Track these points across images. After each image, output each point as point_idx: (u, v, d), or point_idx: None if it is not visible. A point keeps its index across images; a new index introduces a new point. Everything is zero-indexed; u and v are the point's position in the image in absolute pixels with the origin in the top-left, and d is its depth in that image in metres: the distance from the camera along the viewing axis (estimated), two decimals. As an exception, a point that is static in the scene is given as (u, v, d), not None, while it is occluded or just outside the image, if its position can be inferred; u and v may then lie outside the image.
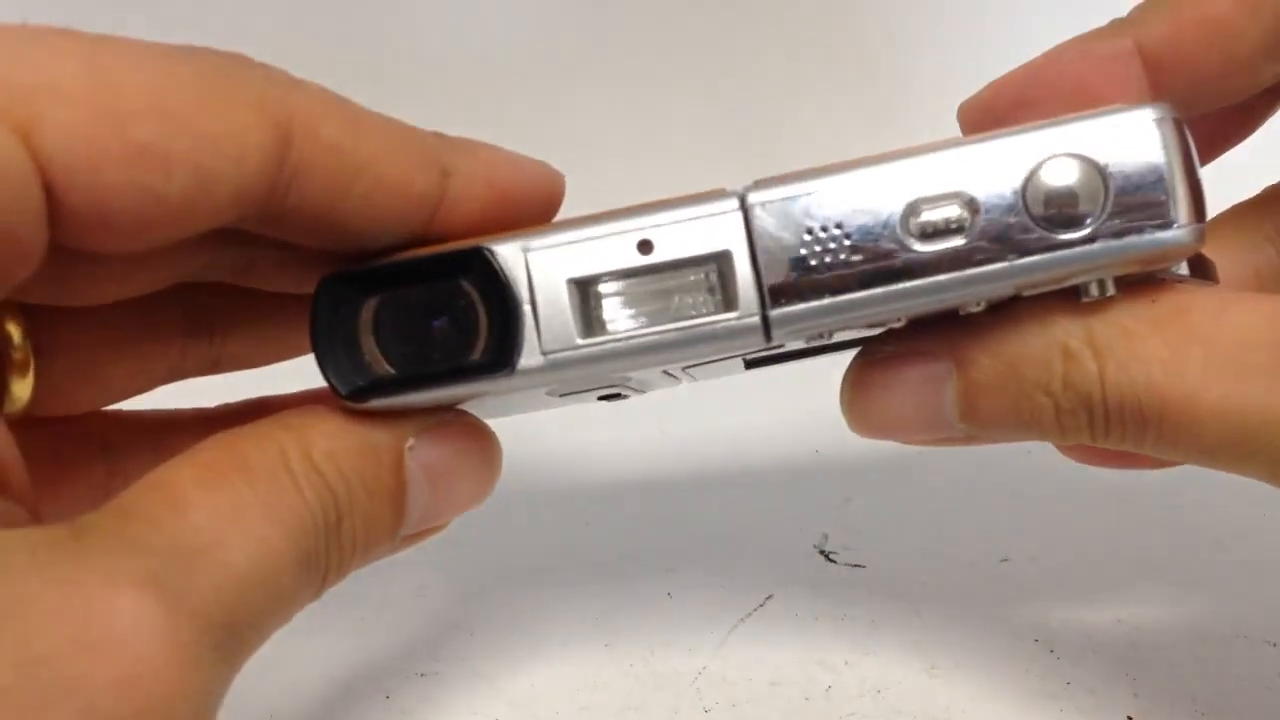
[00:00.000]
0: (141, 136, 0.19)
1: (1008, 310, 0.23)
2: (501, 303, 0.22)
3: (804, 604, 0.36)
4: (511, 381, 0.22)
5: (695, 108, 0.61)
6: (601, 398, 0.29)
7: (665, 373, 0.29)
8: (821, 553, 0.39)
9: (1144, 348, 0.21)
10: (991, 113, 0.24)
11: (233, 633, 0.20)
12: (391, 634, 0.36)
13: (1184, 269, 0.24)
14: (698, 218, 0.22)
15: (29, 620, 0.17)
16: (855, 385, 0.24)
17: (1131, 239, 0.21)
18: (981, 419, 0.23)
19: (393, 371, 0.23)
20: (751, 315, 0.22)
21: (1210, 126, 0.28)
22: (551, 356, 0.22)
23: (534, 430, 0.45)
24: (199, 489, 0.20)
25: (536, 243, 0.22)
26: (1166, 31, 0.24)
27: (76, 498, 0.26)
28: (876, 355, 0.24)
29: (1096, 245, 0.21)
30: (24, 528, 0.19)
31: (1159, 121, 0.21)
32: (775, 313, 0.22)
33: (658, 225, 0.22)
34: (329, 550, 0.22)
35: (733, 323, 0.22)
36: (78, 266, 0.22)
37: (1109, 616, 0.35)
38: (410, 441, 0.23)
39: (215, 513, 0.20)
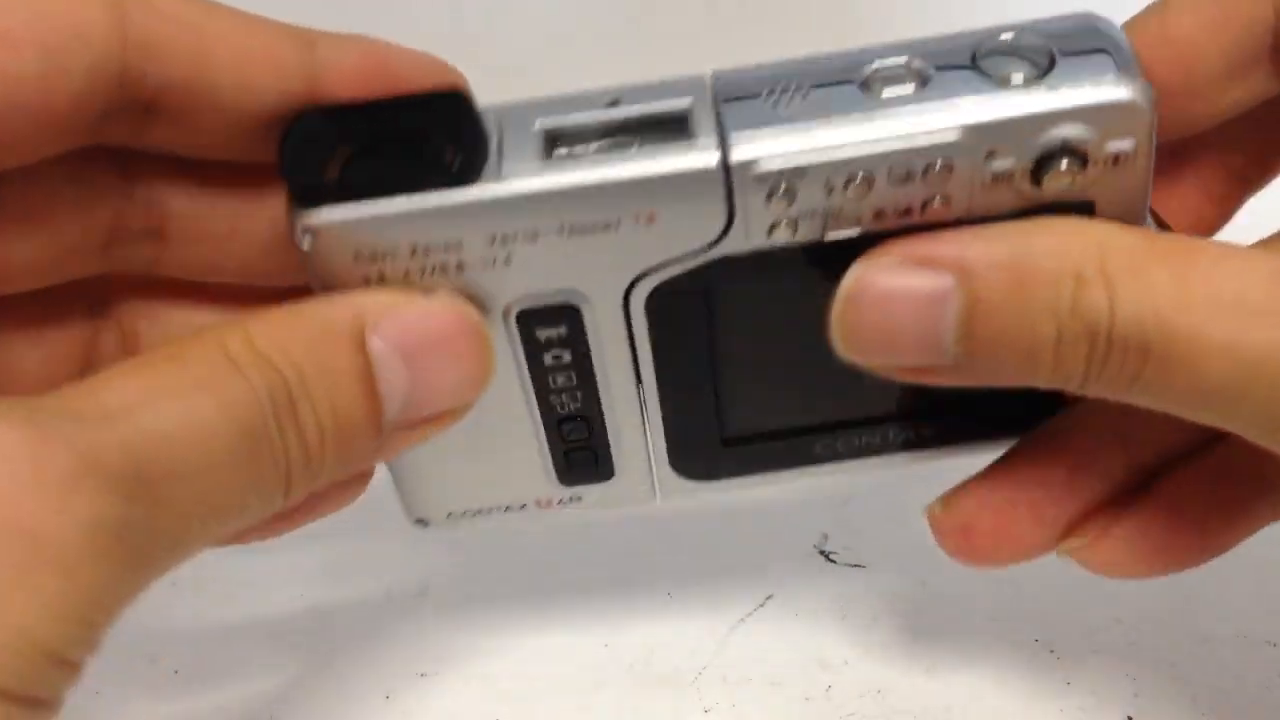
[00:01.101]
0: None
1: (1016, 229, 0.23)
2: (472, 133, 0.22)
3: (804, 604, 0.36)
4: (470, 197, 0.22)
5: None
6: (569, 449, 0.28)
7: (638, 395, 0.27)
8: (821, 553, 0.38)
9: (1153, 280, 0.21)
10: None
11: (145, 483, 0.19)
12: (391, 634, 0.36)
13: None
14: (667, 83, 0.23)
15: None
16: (850, 296, 0.23)
17: (1078, 89, 0.22)
18: (979, 343, 0.22)
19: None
20: (710, 151, 0.22)
21: (1229, 174, 0.28)
22: (511, 182, 0.22)
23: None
24: (121, 376, 0.20)
25: (509, 102, 0.23)
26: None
27: None
28: (878, 264, 0.23)
29: (1042, 93, 0.22)
30: None
31: (1102, 19, 0.23)
32: (735, 153, 0.22)
33: (629, 89, 0.23)
34: (285, 433, 0.21)
35: (691, 159, 0.22)
36: None
37: (1109, 616, 0.35)
38: (373, 319, 0.22)
39: (130, 391, 0.20)
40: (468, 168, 0.22)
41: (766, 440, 0.29)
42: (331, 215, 0.22)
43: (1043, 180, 0.22)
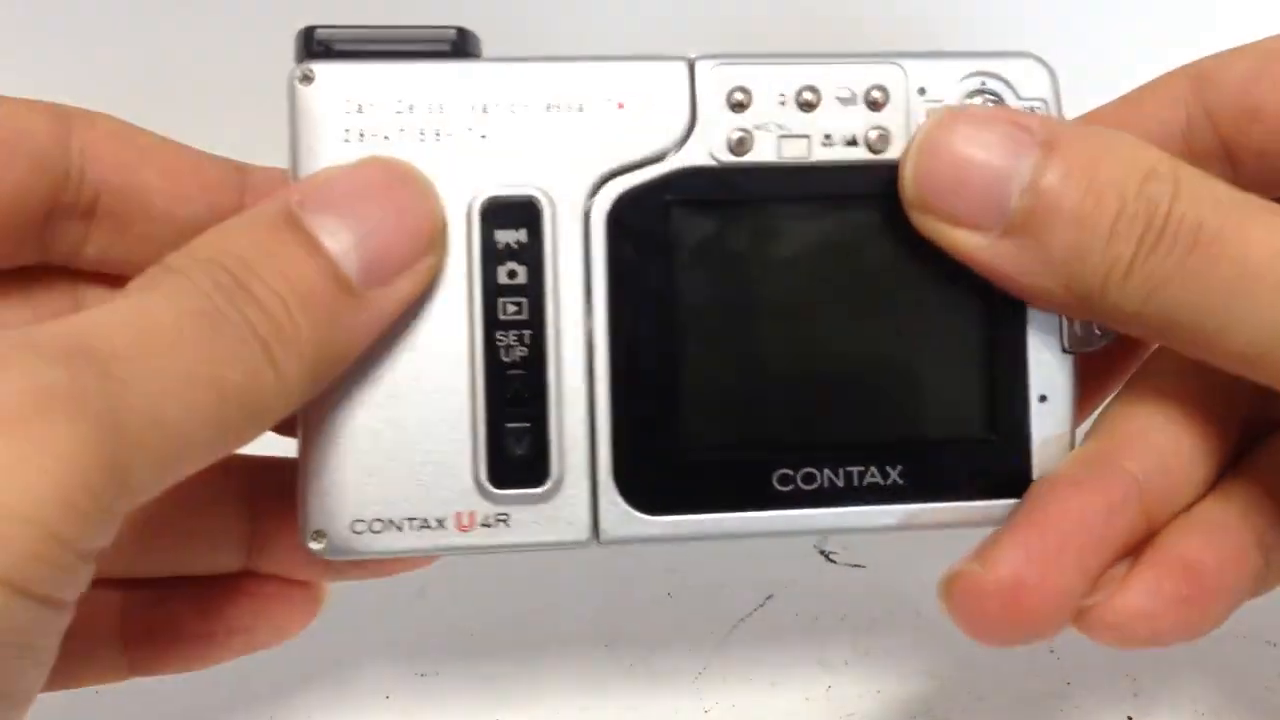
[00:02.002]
0: None
1: (1100, 128, 0.26)
2: (469, 35, 0.26)
3: (804, 604, 0.37)
4: (460, 65, 0.25)
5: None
6: (508, 423, 0.26)
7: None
8: (821, 553, 0.39)
9: (1214, 185, 0.24)
10: None
11: (88, 356, 0.19)
12: (391, 634, 0.36)
13: None
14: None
15: None
16: (940, 124, 0.25)
17: (992, 53, 0.27)
18: (1043, 202, 0.24)
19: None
20: (677, 60, 0.26)
21: None
22: (499, 60, 0.26)
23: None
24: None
25: None
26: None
27: None
28: (970, 111, 0.26)
29: (963, 52, 0.27)
30: None
31: None
32: (700, 61, 0.26)
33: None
34: (243, 308, 0.21)
35: (660, 61, 0.26)
36: None
37: (1109, 616, 0.35)
38: (297, 196, 0.23)
39: (75, 316, 0.21)
40: (462, 52, 0.26)
41: (721, 453, 0.26)
42: (331, 63, 0.25)
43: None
